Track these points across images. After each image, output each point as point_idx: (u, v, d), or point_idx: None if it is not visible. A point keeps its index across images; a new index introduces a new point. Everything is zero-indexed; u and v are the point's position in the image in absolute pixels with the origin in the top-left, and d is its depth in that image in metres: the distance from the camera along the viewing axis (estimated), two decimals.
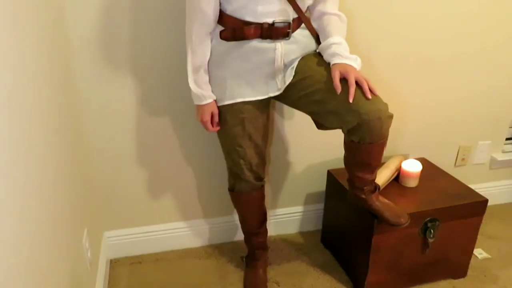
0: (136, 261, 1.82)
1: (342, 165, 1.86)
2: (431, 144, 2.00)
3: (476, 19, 1.79)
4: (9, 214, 0.77)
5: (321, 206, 1.95)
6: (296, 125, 1.79)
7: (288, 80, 1.32)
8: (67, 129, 1.31)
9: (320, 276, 1.75)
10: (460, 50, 1.84)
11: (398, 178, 1.72)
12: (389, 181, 1.68)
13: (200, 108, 1.39)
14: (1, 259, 0.72)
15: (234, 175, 1.53)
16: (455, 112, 1.97)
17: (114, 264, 1.80)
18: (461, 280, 1.73)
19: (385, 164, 1.72)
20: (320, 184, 1.92)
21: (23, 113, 0.89)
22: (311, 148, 1.86)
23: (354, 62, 1.28)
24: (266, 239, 1.72)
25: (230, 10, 1.26)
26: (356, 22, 1.65)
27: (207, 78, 1.36)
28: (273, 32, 1.26)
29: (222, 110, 1.40)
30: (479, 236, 1.68)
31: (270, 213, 1.91)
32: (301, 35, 1.33)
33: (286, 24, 1.27)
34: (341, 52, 1.28)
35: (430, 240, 1.58)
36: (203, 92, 1.36)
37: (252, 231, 1.67)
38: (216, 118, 1.41)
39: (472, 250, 1.71)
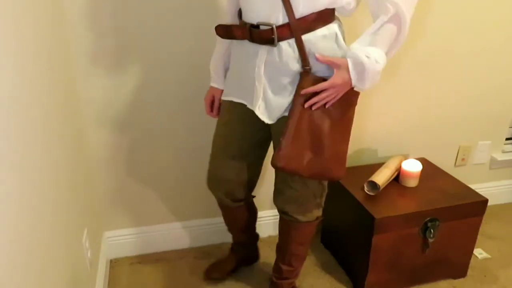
0: (136, 261, 1.82)
1: None
2: (431, 144, 2.00)
3: (476, 19, 1.79)
4: (9, 214, 0.77)
5: None
6: None
7: (263, 117, 1.20)
8: (66, 128, 1.30)
9: (320, 276, 1.75)
10: (459, 50, 1.84)
11: (398, 178, 1.72)
12: (389, 181, 1.68)
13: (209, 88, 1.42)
14: (0, 259, 0.71)
15: None
16: (455, 112, 1.97)
17: (114, 264, 1.80)
18: (461, 280, 1.73)
19: (385, 164, 1.72)
20: None
21: (22, 113, 0.89)
22: None
23: (359, 80, 1.10)
24: (249, 241, 1.71)
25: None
26: (357, 22, 1.65)
27: (221, 65, 1.36)
28: (255, 35, 1.13)
29: (224, 104, 1.36)
30: (479, 236, 1.68)
31: (270, 213, 1.91)
32: (292, 47, 1.13)
33: (268, 28, 1.10)
34: (366, 63, 1.07)
35: (430, 240, 1.58)
36: (213, 74, 1.38)
37: (229, 232, 1.67)
38: (217, 104, 1.41)
39: (472, 250, 1.71)
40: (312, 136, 1.16)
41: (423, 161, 1.83)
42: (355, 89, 1.15)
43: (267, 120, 1.21)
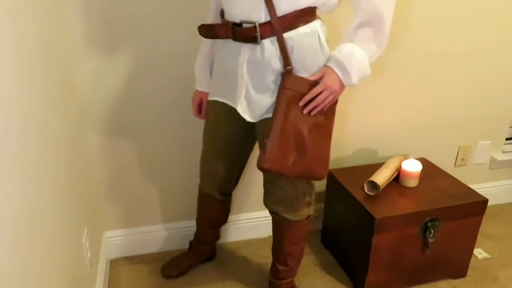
0: (136, 261, 1.82)
1: (342, 165, 1.88)
2: (431, 144, 2.00)
3: (476, 19, 1.79)
4: (8, 214, 0.77)
5: (321, 206, 1.95)
6: None
7: (244, 115, 1.22)
8: (66, 128, 1.30)
9: (320, 276, 1.75)
10: (460, 50, 1.84)
11: (398, 178, 1.72)
12: (389, 181, 1.68)
13: (195, 90, 1.44)
14: (1, 259, 0.72)
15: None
16: (455, 112, 1.97)
17: (114, 264, 1.80)
18: (461, 280, 1.73)
19: (385, 164, 1.72)
20: (320, 184, 1.92)
21: (22, 112, 0.89)
22: None
23: (346, 76, 1.13)
24: (211, 241, 1.75)
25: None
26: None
27: (205, 67, 1.37)
28: (238, 33, 1.14)
29: (210, 104, 1.38)
30: (479, 236, 1.68)
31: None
32: (274, 45, 1.14)
33: (251, 26, 1.11)
34: (342, 58, 1.12)
35: (430, 240, 1.58)
36: (197, 77, 1.40)
37: (196, 225, 1.71)
38: (205, 106, 1.43)
39: (472, 250, 1.71)
40: (296, 136, 1.16)
41: (423, 161, 1.83)
42: (347, 86, 1.16)
43: (248, 118, 1.22)
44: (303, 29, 1.14)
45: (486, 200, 1.62)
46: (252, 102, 1.20)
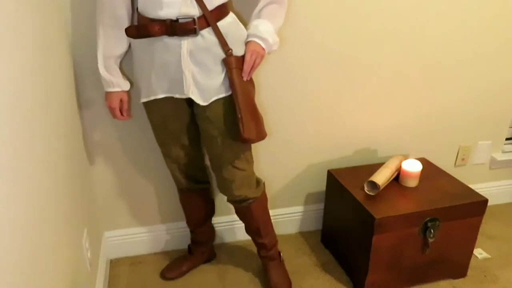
0: (136, 261, 1.82)
1: (342, 165, 1.88)
2: (431, 144, 2.00)
3: (476, 20, 1.79)
4: (9, 214, 0.77)
5: (321, 206, 1.95)
6: (295, 125, 1.79)
7: (198, 100, 1.32)
8: (67, 129, 1.30)
9: (320, 276, 1.75)
10: (460, 51, 1.84)
11: (398, 178, 1.72)
12: (389, 181, 1.68)
13: (108, 94, 1.42)
14: (1, 259, 0.72)
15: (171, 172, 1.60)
16: (455, 112, 1.97)
17: (114, 264, 1.80)
18: (461, 280, 1.73)
19: (385, 164, 1.72)
20: (320, 184, 1.92)
21: (24, 114, 0.89)
22: (311, 148, 1.86)
23: (263, 41, 1.32)
24: (207, 239, 1.78)
25: (139, 6, 1.27)
26: (358, 23, 1.65)
27: (118, 65, 1.39)
28: (177, 28, 1.22)
29: (145, 106, 1.43)
30: (479, 236, 1.68)
31: (271, 213, 1.91)
32: (211, 34, 1.27)
33: (190, 20, 1.22)
34: (253, 31, 1.32)
35: (430, 240, 1.58)
36: (112, 79, 1.38)
37: (189, 226, 1.74)
38: (126, 106, 1.44)
39: (472, 250, 1.71)
40: (252, 104, 1.33)
41: (423, 161, 1.83)
42: (268, 50, 1.34)
43: (202, 102, 1.32)
44: (228, 18, 1.31)
45: (486, 200, 1.62)
46: (201, 87, 1.31)
